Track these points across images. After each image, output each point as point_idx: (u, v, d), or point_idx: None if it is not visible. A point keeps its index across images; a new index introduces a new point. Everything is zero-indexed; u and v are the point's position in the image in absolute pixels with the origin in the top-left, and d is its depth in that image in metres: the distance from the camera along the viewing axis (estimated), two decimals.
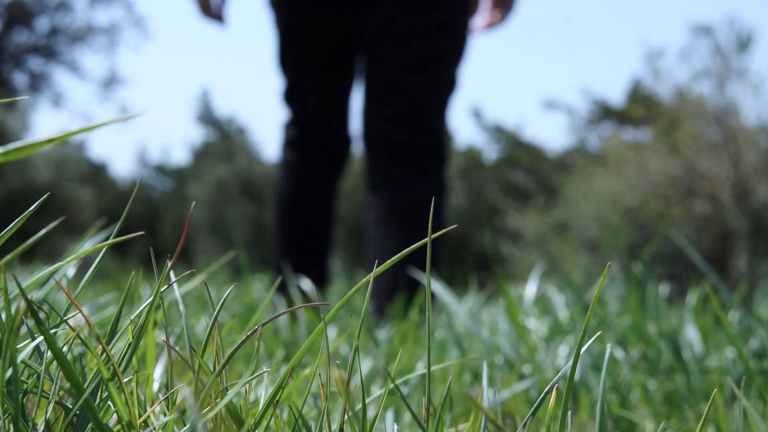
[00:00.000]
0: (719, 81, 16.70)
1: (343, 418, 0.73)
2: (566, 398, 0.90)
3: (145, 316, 0.77)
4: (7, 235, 0.86)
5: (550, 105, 26.94)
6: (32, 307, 0.69)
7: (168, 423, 0.67)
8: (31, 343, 0.79)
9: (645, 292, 2.44)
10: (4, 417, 0.77)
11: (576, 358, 0.86)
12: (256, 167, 27.01)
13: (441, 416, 0.69)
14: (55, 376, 0.82)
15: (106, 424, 0.70)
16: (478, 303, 2.63)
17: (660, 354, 2.06)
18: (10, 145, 0.53)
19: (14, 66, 22.23)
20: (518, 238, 20.44)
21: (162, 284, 0.81)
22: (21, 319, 0.67)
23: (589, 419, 1.75)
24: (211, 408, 0.69)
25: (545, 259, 2.64)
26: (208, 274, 0.97)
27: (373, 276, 0.80)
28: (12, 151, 0.53)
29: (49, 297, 1.14)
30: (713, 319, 2.35)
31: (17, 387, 0.73)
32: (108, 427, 0.73)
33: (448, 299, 2.14)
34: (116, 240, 0.77)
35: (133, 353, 0.77)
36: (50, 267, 1.17)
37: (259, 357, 0.97)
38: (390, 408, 1.26)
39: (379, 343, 2.19)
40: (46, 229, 1.07)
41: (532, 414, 0.76)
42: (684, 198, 16.58)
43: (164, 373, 1.00)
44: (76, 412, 0.76)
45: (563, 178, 22.59)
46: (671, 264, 14.57)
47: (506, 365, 2.00)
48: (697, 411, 1.68)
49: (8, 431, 0.78)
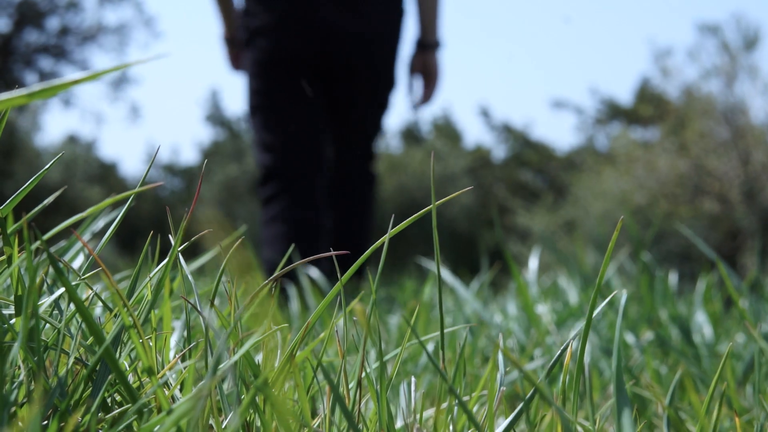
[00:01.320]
0: (728, 79, 16.66)
1: (360, 371, 0.74)
2: (579, 362, 0.91)
3: (164, 271, 0.77)
4: (17, 226, 0.87)
5: (558, 104, 26.91)
6: (53, 259, 0.70)
7: (189, 367, 0.68)
8: (49, 298, 0.80)
9: (654, 280, 2.45)
10: (26, 372, 0.78)
11: (588, 322, 0.87)
12: None
13: (460, 365, 0.69)
14: (75, 333, 0.83)
15: (125, 374, 0.70)
16: (486, 289, 2.64)
17: (670, 339, 2.07)
18: (33, 86, 0.54)
19: (25, 66, 22.29)
20: (527, 237, 20.42)
21: (177, 244, 0.82)
22: (44, 272, 0.68)
23: (602, 400, 1.76)
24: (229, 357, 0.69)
25: (553, 253, 2.65)
26: (218, 250, 0.98)
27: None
28: (37, 92, 0.54)
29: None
30: (723, 306, 2.36)
31: (39, 341, 0.74)
32: (128, 382, 0.73)
33: (457, 284, 2.15)
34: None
35: (151, 308, 0.78)
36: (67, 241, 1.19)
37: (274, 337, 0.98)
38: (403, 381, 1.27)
39: (389, 329, 2.20)
40: (59, 227, 1.08)
41: (549, 370, 0.77)
42: (693, 196, 16.55)
43: (182, 329, 1.01)
44: (95, 368, 0.77)
45: (572, 177, 22.57)
46: (680, 262, 14.54)
47: (518, 348, 2.01)
48: (709, 389, 1.69)
49: (30, 386, 0.79)
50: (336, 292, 0.82)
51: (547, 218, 20.52)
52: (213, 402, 0.76)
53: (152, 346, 0.76)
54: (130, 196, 0.86)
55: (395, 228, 0.81)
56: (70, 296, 0.67)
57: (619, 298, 2.14)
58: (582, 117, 26.74)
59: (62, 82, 0.54)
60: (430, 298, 2.26)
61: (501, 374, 0.96)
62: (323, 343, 0.85)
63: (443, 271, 2.26)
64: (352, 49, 3.38)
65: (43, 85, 0.54)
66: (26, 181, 0.74)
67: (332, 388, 0.65)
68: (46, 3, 22.19)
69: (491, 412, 0.77)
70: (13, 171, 22.43)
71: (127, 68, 9.55)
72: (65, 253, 1.25)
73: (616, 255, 3.00)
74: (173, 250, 0.80)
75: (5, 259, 0.83)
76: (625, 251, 3.04)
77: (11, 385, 0.74)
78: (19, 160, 23.03)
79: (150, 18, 23.07)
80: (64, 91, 0.54)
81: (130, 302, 0.79)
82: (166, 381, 0.78)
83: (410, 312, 1.98)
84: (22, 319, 0.71)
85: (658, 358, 1.97)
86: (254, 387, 0.57)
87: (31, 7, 22.02)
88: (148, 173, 0.82)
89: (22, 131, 23.90)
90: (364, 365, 0.79)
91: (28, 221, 0.82)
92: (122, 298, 0.76)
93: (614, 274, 2.76)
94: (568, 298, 2.49)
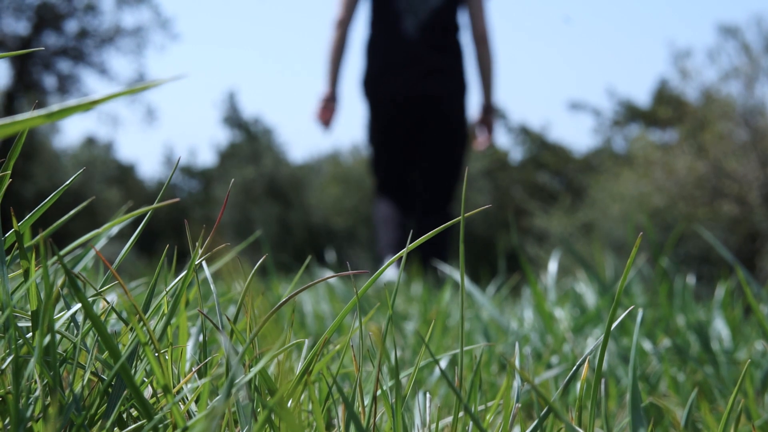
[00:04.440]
0: (747, 81, 16.57)
1: (375, 387, 0.74)
2: (598, 374, 0.90)
3: (180, 287, 0.77)
4: (34, 242, 0.87)
5: (575, 106, 26.82)
6: (70, 274, 0.70)
7: (204, 384, 0.68)
8: (66, 313, 0.80)
9: (672, 286, 2.43)
10: (42, 386, 0.78)
11: (606, 336, 0.87)
12: (282, 168, 27.09)
13: (475, 381, 0.69)
14: (91, 347, 0.83)
15: (141, 391, 0.70)
16: (503, 294, 2.63)
17: (689, 346, 2.05)
18: (52, 106, 0.54)
19: (43, 68, 22.43)
20: (544, 239, 20.37)
21: (195, 257, 0.82)
22: (60, 286, 0.68)
23: (618, 409, 1.75)
24: (245, 374, 0.69)
25: (571, 256, 2.64)
26: (236, 252, 0.98)
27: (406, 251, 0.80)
28: (55, 113, 0.54)
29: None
30: (742, 312, 2.34)
31: (55, 355, 0.74)
32: (143, 396, 0.74)
33: (474, 290, 2.15)
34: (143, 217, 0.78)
35: (167, 323, 0.78)
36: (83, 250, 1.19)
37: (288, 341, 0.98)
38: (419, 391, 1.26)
39: (405, 335, 2.20)
40: (77, 243, 1.09)
41: (565, 386, 0.76)
42: (711, 199, 16.47)
43: (196, 346, 1.01)
44: (111, 382, 0.77)
45: (589, 179, 22.50)
46: (698, 265, 14.47)
47: (534, 355, 2.00)
48: (728, 400, 1.68)
49: (45, 401, 0.79)
50: (353, 305, 0.81)
51: (564, 220, 20.47)
52: (229, 414, 0.76)
53: (168, 359, 0.76)
54: (148, 204, 0.86)
55: (414, 242, 0.80)
56: (87, 313, 0.67)
57: (637, 308, 2.13)
58: (600, 119, 26.65)
59: (81, 102, 0.54)
60: (446, 305, 2.26)
61: (517, 385, 0.96)
62: (340, 354, 0.85)
63: (464, 275, 2.24)
64: (430, 108, 4.76)
65: (62, 105, 0.54)
66: (45, 183, 0.75)
67: (347, 406, 0.65)
68: (65, 6, 22.31)
69: (506, 427, 0.76)
70: (32, 173, 22.57)
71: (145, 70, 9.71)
72: (82, 259, 1.25)
73: (634, 259, 2.98)
74: (191, 264, 0.81)
75: (22, 272, 0.83)
76: (644, 255, 3.03)
77: (27, 399, 0.74)
78: (38, 162, 23.17)
79: (167, 20, 23.14)
80: (84, 111, 0.54)
81: (146, 315, 0.79)
82: (182, 396, 0.78)
83: (427, 323, 1.97)
84: (39, 335, 0.71)
85: (675, 365, 1.96)
86: (268, 408, 0.57)
87: (50, 9, 22.14)
88: (163, 178, 0.82)
89: (41, 133, 24.04)
90: (379, 378, 0.79)
91: (46, 236, 0.83)
92: (138, 312, 0.76)
93: (633, 278, 2.75)
94: (586, 302, 2.48)
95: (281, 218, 25.24)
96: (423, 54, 4.70)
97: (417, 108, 4.73)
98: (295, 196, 25.95)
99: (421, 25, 4.70)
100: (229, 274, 1.06)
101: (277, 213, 25.26)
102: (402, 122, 4.77)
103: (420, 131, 4.78)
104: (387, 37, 4.73)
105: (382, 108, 4.77)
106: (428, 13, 4.71)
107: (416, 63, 4.70)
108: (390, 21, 4.72)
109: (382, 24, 4.76)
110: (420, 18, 4.71)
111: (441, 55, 4.76)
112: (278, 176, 26.48)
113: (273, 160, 27.41)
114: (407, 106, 4.73)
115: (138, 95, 22.33)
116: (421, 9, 4.70)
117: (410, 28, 4.69)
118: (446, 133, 4.80)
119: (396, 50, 4.71)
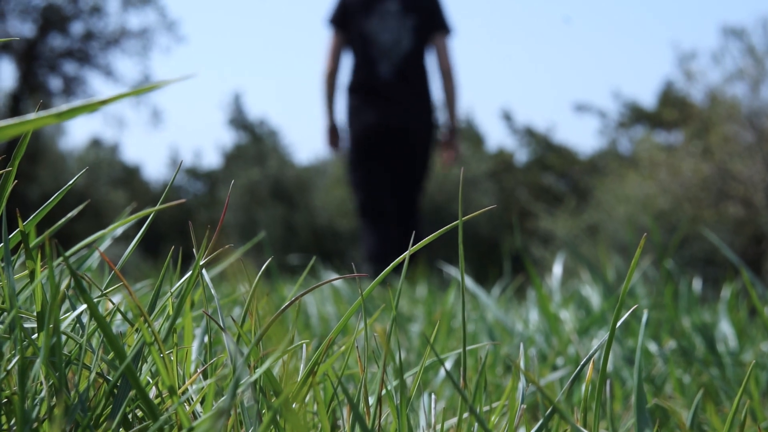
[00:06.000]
0: (753, 83, 16.54)
1: (380, 388, 0.74)
2: (602, 376, 0.90)
3: (185, 288, 0.78)
4: (38, 241, 0.87)
5: (580, 108, 26.79)
6: (76, 275, 0.71)
7: (209, 385, 0.68)
8: (71, 314, 0.80)
9: (677, 288, 2.43)
10: (48, 387, 0.79)
11: (611, 336, 0.86)
12: (287, 170, 27.10)
13: (480, 382, 0.69)
14: (96, 348, 0.83)
15: (146, 391, 0.71)
16: (508, 295, 2.63)
17: (694, 348, 2.05)
18: (61, 107, 0.54)
19: (49, 70, 22.45)
20: (549, 241, 20.36)
21: (200, 258, 0.82)
22: (66, 287, 0.68)
23: (623, 410, 1.75)
24: (250, 375, 0.69)
25: (576, 258, 2.63)
26: (241, 253, 0.99)
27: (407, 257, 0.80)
28: (64, 113, 0.54)
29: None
30: (747, 314, 2.33)
31: (60, 356, 0.74)
32: (149, 397, 0.74)
33: (479, 291, 2.14)
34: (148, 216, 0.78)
35: (173, 324, 0.78)
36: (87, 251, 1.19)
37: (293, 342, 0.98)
38: (424, 392, 1.26)
39: (410, 336, 2.20)
40: (82, 243, 1.09)
41: (570, 387, 0.76)
42: (717, 201, 16.44)
43: (202, 347, 1.02)
44: (116, 383, 0.77)
45: (594, 181, 22.47)
46: (704, 267, 14.44)
47: (539, 357, 2.00)
48: (733, 401, 1.67)
49: (51, 401, 0.79)
50: (358, 306, 0.81)
51: (569, 222, 20.45)
52: (235, 415, 0.76)
53: (173, 360, 0.76)
54: (153, 206, 0.86)
55: (417, 244, 0.81)
56: (92, 314, 0.68)
57: (642, 309, 2.13)
58: (605, 120, 26.62)
59: (90, 102, 0.54)
60: (451, 306, 2.26)
61: (522, 387, 0.96)
62: (345, 356, 0.85)
63: (464, 278, 2.24)
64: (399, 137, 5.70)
65: (70, 105, 0.54)
66: (50, 184, 0.75)
67: (352, 407, 0.65)
68: (71, 8, 22.34)
69: (512, 428, 0.76)
70: (38, 174, 22.59)
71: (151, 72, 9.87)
72: (87, 259, 1.25)
73: (639, 261, 2.98)
74: (195, 266, 0.81)
75: (28, 273, 0.83)
76: (649, 257, 3.02)
77: (33, 400, 0.74)
78: (43, 164, 23.20)
79: (173, 22, 23.16)
80: (91, 111, 0.54)
81: (152, 316, 0.80)
82: (188, 396, 0.78)
83: (432, 325, 1.97)
84: (44, 335, 0.71)
85: (681, 367, 1.96)
86: (273, 409, 0.57)
87: (56, 11, 22.17)
88: (169, 180, 0.83)
89: (47, 135, 24.07)
90: (384, 379, 0.79)
91: (50, 234, 0.83)
92: (143, 313, 0.76)
93: (638, 281, 2.75)
94: (591, 304, 2.48)
95: (286, 220, 25.24)
96: (396, 93, 5.71)
97: (392, 137, 5.72)
98: (300, 198, 25.96)
99: (395, 69, 5.69)
100: (234, 275, 1.06)
101: (282, 214, 25.26)
102: (379, 149, 5.73)
103: (393, 156, 5.76)
104: (366, 80, 5.70)
105: (364, 137, 5.72)
106: (401, 57, 5.69)
107: (391, 100, 5.70)
108: (368, 66, 5.70)
109: (362, 69, 5.72)
110: (394, 62, 5.70)
111: (411, 93, 5.77)
112: (283, 178, 26.48)
113: (278, 162, 27.42)
114: (384, 136, 5.70)
115: (144, 97, 22.35)
116: (395, 55, 5.70)
117: (385, 72, 5.69)
118: (415, 157, 5.82)
119: (374, 90, 5.70)
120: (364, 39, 5.70)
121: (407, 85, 5.73)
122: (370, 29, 5.70)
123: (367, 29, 5.70)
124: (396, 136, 5.73)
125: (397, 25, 5.71)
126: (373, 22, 5.71)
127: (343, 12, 5.80)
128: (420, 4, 5.77)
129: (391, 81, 5.69)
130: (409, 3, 5.74)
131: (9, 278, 0.78)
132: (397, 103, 5.71)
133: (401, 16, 5.72)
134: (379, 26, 5.70)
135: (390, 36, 5.70)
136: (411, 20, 5.72)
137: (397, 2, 5.73)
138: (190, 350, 0.84)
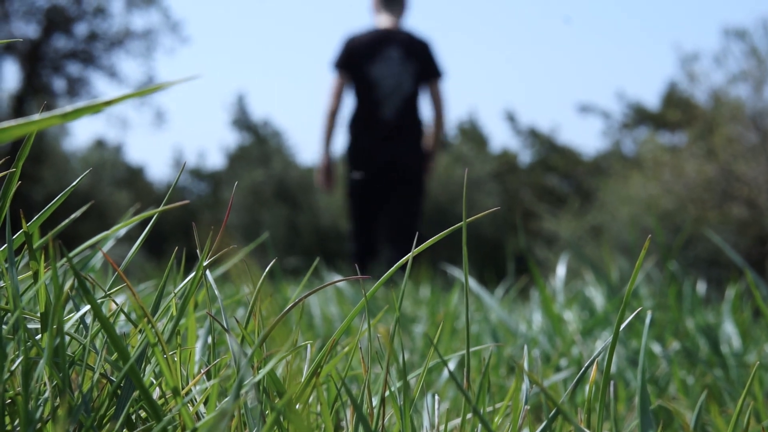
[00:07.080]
0: (756, 84, 16.51)
1: (384, 389, 0.74)
2: (606, 377, 0.90)
3: (188, 289, 0.78)
4: (42, 242, 0.87)
5: (584, 109, 26.77)
6: (79, 276, 0.71)
7: (213, 385, 0.68)
8: (75, 315, 0.80)
9: (681, 289, 2.43)
10: (51, 388, 0.79)
11: (615, 337, 0.86)
12: (291, 171, 27.10)
13: (484, 383, 0.69)
14: (100, 349, 0.83)
15: (150, 392, 0.71)
16: (512, 296, 2.63)
17: (698, 349, 2.05)
18: (66, 107, 0.54)
19: (53, 71, 22.47)
20: (553, 242, 20.35)
21: (203, 259, 0.82)
22: (69, 288, 0.68)
23: (627, 411, 1.74)
24: (253, 375, 0.69)
25: (579, 259, 2.63)
26: (244, 253, 0.99)
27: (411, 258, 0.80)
28: (69, 113, 0.54)
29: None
30: (752, 315, 2.33)
31: (64, 357, 0.74)
32: (153, 398, 0.74)
33: (483, 292, 2.14)
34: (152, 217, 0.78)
35: (176, 324, 0.78)
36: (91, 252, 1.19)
37: (297, 343, 0.98)
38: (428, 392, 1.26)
39: (414, 337, 2.20)
40: (85, 244, 1.09)
41: (573, 388, 0.76)
42: (721, 202, 16.42)
43: (205, 348, 1.02)
44: (120, 384, 0.77)
45: (598, 182, 22.46)
46: (708, 268, 14.42)
47: (542, 358, 2.00)
48: (737, 402, 1.67)
49: (55, 402, 0.79)
50: (362, 307, 0.81)
51: (573, 223, 20.43)
52: (238, 416, 0.76)
53: (177, 361, 0.76)
54: (157, 207, 0.86)
55: (420, 246, 0.80)
56: (96, 314, 0.68)
57: (645, 310, 2.12)
58: (609, 121, 26.60)
59: (94, 103, 0.54)
60: (455, 307, 2.26)
61: (526, 388, 0.96)
62: (348, 357, 0.85)
63: (468, 278, 2.24)
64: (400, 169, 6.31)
65: (74, 106, 0.54)
66: (54, 185, 0.75)
67: (355, 408, 0.65)
68: (75, 9, 22.36)
69: (515, 429, 0.76)
70: (42, 176, 22.61)
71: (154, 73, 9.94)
72: (90, 260, 1.25)
73: (643, 262, 2.97)
74: (199, 266, 0.81)
75: (32, 274, 0.83)
76: (653, 258, 3.02)
77: (37, 401, 0.74)
78: (47, 165, 23.22)
79: (176, 23, 23.17)
80: (96, 112, 0.54)
81: (155, 317, 0.80)
82: (191, 397, 0.78)
83: (435, 326, 1.97)
84: (48, 336, 0.71)
85: (684, 368, 1.95)
86: (276, 410, 0.57)
87: (60, 13, 22.20)
88: (172, 181, 0.83)
89: (50, 136, 24.09)
90: (388, 380, 0.79)
91: (54, 235, 0.83)
92: (146, 313, 0.76)
93: (642, 281, 2.74)
94: (595, 305, 2.48)
95: (290, 220, 25.25)
96: (397, 131, 6.35)
97: (393, 170, 6.35)
98: (304, 199, 25.96)
99: (396, 109, 6.31)
100: (237, 276, 1.06)
101: (286, 215, 25.26)
102: (380, 181, 6.37)
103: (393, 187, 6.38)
104: (370, 119, 6.33)
105: (366, 171, 6.32)
106: (402, 99, 6.33)
107: (392, 138, 6.34)
108: (373, 107, 6.33)
109: (365, 109, 6.33)
110: (396, 104, 6.32)
111: (410, 131, 6.42)
112: (287, 179, 26.48)
113: (282, 163, 27.42)
114: (385, 170, 6.34)
115: (147, 98, 22.36)
116: (397, 97, 6.33)
117: (388, 113, 6.30)
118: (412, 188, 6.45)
119: (377, 129, 6.33)
120: (370, 82, 6.32)
121: (406, 123, 6.41)
122: (376, 73, 6.31)
123: (373, 73, 6.31)
124: (396, 168, 6.37)
125: (400, 70, 6.33)
126: (377, 66, 6.31)
127: (348, 56, 6.34)
128: (418, 51, 6.39)
129: (392, 120, 6.35)
130: (410, 50, 6.34)
131: (13, 279, 0.78)
132: (398, 140, 6.36)
133: (403, 61, 6.33)
134: (383, 71, 6.31)
135: (393, 80, 6.33)
136: (411, 66, 6.34)
137: (399, 49, 6.33)
138: (193, 351, 0.84)
